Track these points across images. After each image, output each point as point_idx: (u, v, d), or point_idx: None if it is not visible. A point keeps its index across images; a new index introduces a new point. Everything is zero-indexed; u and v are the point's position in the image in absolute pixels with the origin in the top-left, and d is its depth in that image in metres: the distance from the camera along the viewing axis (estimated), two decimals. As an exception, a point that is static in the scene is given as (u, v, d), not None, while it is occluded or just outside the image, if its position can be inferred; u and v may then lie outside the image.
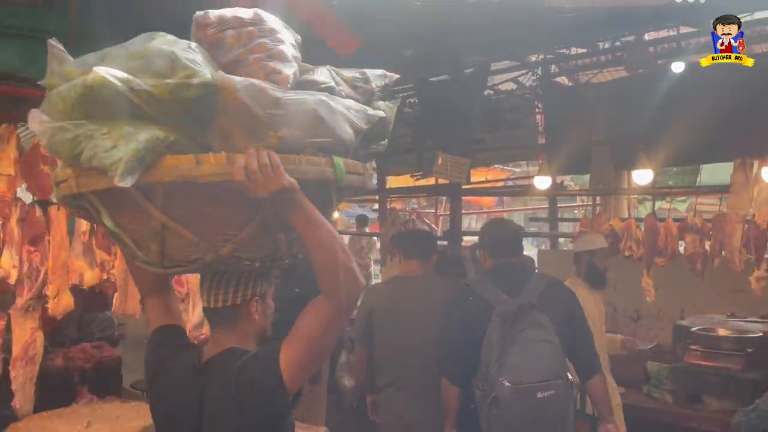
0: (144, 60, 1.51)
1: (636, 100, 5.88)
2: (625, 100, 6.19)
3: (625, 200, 7.26)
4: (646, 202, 9.09)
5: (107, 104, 1.45)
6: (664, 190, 5.99)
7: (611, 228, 4.90)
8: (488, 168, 10.35)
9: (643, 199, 8.96)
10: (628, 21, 5.24)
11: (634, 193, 6.41)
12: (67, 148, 1.47)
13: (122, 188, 1.40)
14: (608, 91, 6.64)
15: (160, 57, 1.51)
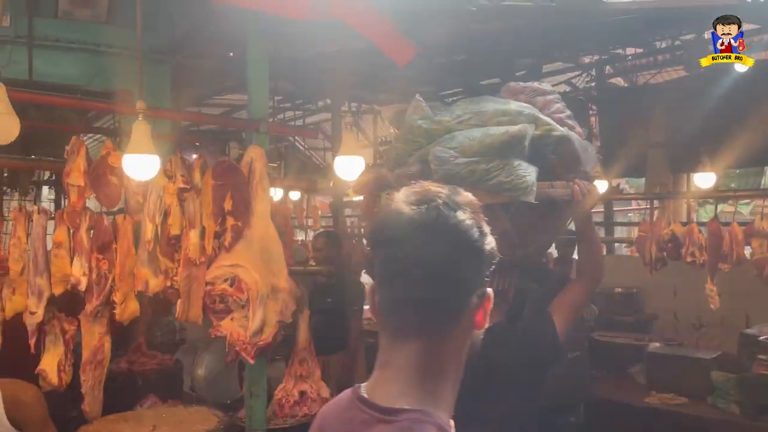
0: (510, 116, 2.25)
1: (696, 101, 5.68)
2: (684, 100, 5.99)
3: (683, 204, 7.03)
4: (706, 206, 8.77)
5: (513, 147, 2.16)
6: (727, 194, 5.75)
7: (672, 233, 4.75)
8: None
9: (703, 203, 8.65)
10: (687, 20, 5.09)
11: (696, 196, 6.19)
12: (477, 176, 2.13)
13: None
14: (666, 92, 6.44)
15: (523, 115, 2.26)
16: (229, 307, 3.09)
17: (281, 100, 8.59)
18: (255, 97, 3.34)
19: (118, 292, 2.95)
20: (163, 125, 4.73)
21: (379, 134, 9.89)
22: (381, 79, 6.36)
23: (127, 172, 2.66)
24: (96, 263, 2.91)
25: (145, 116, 2.65)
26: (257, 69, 3.31)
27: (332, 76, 6.23)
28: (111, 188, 2.94)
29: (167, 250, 3.01)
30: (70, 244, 2.92)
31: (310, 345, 3.48)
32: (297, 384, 3.40)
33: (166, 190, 2.97)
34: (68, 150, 2.92)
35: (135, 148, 2.59)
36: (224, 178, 3.09)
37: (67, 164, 2.90)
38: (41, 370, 2.90)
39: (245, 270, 3.06)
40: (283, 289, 3.14)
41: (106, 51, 5.04)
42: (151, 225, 2.95)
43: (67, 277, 2.88)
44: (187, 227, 3.03)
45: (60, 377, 2.90)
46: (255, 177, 3.16)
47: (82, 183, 2.90)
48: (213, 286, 3.05)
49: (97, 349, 2.99)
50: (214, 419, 2.88)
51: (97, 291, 2.91)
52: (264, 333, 3.06)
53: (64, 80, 5.08)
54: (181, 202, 3.02)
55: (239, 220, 3.09)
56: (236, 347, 3.07)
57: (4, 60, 4.64)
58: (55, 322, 2.94)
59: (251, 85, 3.33)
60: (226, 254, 3.08)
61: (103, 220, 2.96)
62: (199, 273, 3.04)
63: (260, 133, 3.29)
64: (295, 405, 3.35)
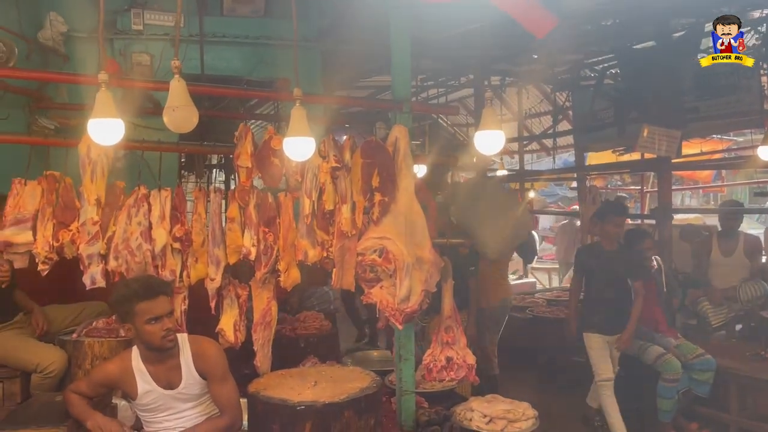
0: None
1: None
2: None
3: None
4: None
5: None
6: None
7: None
8: (704, 139, 9.39)
9: None
10: None
11: None
12: None
13: None
14: None
15: None
16: (379, 276, 3.33)
17: (424, 79, 8.75)
18: (398, 79, 3.50)
19: (282, 261, 3.29)
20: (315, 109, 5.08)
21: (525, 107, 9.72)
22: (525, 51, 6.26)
23: (287, 154, 2.95)
24: (263, 236, 3.27)
25: (302, 102, 2.91)
26: (399, 52, 3.46)
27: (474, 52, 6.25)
28: (274, 169, 3.27)
29: (323, 223, 3.30)
30: (241, 219, 3.29)
31: (455, 313, 3.62)
32: (444, 350, 3.56)
33: (321, 169, 3.25)
34: (237, 135, 3.29)
35: (294, 131, 2.86)
36: (371, 156, 3.31)
37: (236, 148, 3.27)
38: (220, 329, 3.32)
39: (392, 242, 3.27)
40: (428, 260, 3.31)
41: (265, 43, 5.49)
42: (309, 201, 3.25)
43: (239, 248, 3.26)
44: (340, 203, 3.29)
45: (236, 336, 3.31)
46: (399, 154, 3.35)
47: (249, 165, 3.26)
48: (363, 257, 3.30)
49: (266, 312, 3.36)
50: (368, 378, 3.13)
51: (264, 260, 3.27)
52: (410, 300, 3.26)
53: (230, 72, 5.63)
54: (334, 180, 3.28)
55: (386, 196, 3.30)
56: (386, 313, 3.31)
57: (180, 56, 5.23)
58: (231, 287, 3.36)
59: (394, 67, 3.50)
60: (375, 227, 3.31)
61: (268, 197, 3.31)
62: (351, 244, 3.30)
63: (403, 112, 3.46)
64: (442, 370, 3.53)
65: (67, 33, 5.09)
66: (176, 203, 3.26)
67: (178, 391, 2.79)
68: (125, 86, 3.42)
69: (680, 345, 4.79)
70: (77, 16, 5.01)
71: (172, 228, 3.21)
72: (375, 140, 3.35)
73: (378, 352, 4.75)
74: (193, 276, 3.29)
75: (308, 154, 2.92)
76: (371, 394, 2.94)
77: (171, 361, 2.78)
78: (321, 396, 2.87)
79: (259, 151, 3.24)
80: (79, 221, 3.14)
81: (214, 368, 2.84)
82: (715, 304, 5.66)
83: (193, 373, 2.81)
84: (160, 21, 5.39)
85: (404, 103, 3.46)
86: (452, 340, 3.56)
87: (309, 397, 2.87)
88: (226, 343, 3.29)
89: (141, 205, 3.19)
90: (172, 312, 2.79)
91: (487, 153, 3.35)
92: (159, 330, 2.66)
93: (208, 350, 2.86)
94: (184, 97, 2.68)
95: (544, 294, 8.16)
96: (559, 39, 4.88)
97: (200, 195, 3.31)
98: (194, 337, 2.91)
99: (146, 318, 2.65)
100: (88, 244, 3.11)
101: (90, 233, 3.11)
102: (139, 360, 2.78)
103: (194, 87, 2.92)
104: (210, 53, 5.43)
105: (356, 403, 2.85)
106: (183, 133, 2.97)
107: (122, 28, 5.33)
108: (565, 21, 3.94)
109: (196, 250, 3.28)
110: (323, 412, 2.78)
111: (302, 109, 2.86)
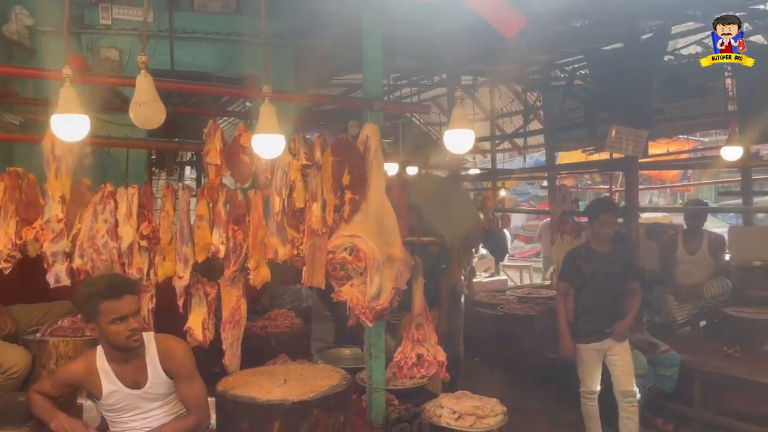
0: None
1: None
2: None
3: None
4: None
5: None
6: None
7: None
8: (670, 139, 9.60)
9: None
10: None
11: None
12: None
13: None
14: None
15: None
16: (349, 274, 3.33)
17: (398, 78, 8.77)
18: (369, 77, 3.51)
19: (251, 259, 3.27)
20: (287, 107, 5.05)
21: (497, 107, 9.81)
22: (497, 51, 6.31)
23: (256, 151, 2.93)
24: (232, 233, 3.24)
25: (271, 99, 2.90)
26: (371, 49, 3.47)
27: (447, 51, 6.28)
28: (243, 166, 3.25)
29: (293, 221, 3.29)
30: (210, 217, 3.26)
31: (425, 311, 3.64)
32: (414, 347, 3.58)
33: (291, 166, 3.23)
34: (206, 132, 3.26)
35: (263, 128, 2.84)
36: (342, 154, 3.30)
37: (205, 145, 3.24)
38: (188, 328, 3.29)
39: (363, 240, 3.27)
40: (398, 258, 3.32)
41: (236, 39, 5.44)
42: (279, 199, 3.23)
43: (208, 245, 3.23)
44: (310, 200, 3.28)
45: (204, 334, 3.28)
46: (370, 152, 3.35)
47: (218, 162, 3.23)
48: (334, 255, 3.29)
49: (235, 310, 3.34)
50: (338, 376, 3.13)
51: (233, 258, 3.25)
52: (380, 298, 3.27)
53: (200, 69, 5.56)
54: (305, 178, 3.27)
55: (357, 194, 3.30)
56: (356, 311, 3.31)
57: (149, 52, 5.17)
58: (199, 285, 3.32)
59: (366, 65, 3.50)
60: (346, 225, 3.31)
61: (238, 194, 3.28)
62: (322, 242, 3.29)
63: (375, 111, 3.46)
64: (412, 367, 3.54)
65: (32, 27, 4.97)
66: (144, 200, 3.21)
67: (144, 391, 2.76)
68: (90, 82, 3.36)
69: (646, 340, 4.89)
70: (43, 9, 4.90)
71: (139, 225, 3.17)
72: (346, 138, 3.35)
73: (350, 350, 4.75)
74: (160, 274, 3.24)
75: (277, 151, 2.91)
76: (340, 392, 2.94)
77: (137, 361, 2.75)
78: (290, 394, 2.86)
79: (229, 148, 3.22)
80: (43, 218, 3.08)
81: (180, 367, 2.81)
82: (680, 301, 5.79)
83: (160, 373, 2.78)
84: (129, 16, 5.30)
85: (375, 102, 3.46)
86: (423, 338, 3.58)
87: (278, 395, 2.86)
88: (195, 341, 3.26)
89: (107, 203, 3.14)
90: (139, 311, 2.76)
91: (456, 152, 3.38)
92: (124, 330, 2.62)
93: (174, 349, 2.83)
94: (150, 92, 2.66)
95: (515, 291, 8.25)
96: (529, 39, 4.93)
97: (168, 192, 3.27)
98: (161, 335, 2.88)
99: (111, 318, 2.61)
100: (53, 241, 3.06)
101: (54, 231, 3.06)
102: (104, 359, 2.74)
103: (161, 83, 2.89)
104: (180, 49, 5.35)
105: (325, 401, 2.85)
106: (151, 129, 2.94)
107: (90, 22, 5.24)
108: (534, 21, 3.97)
109: (164, 247, 3.24)
110: (292, 410, 2.77)
111: (271, 106, 2.85)
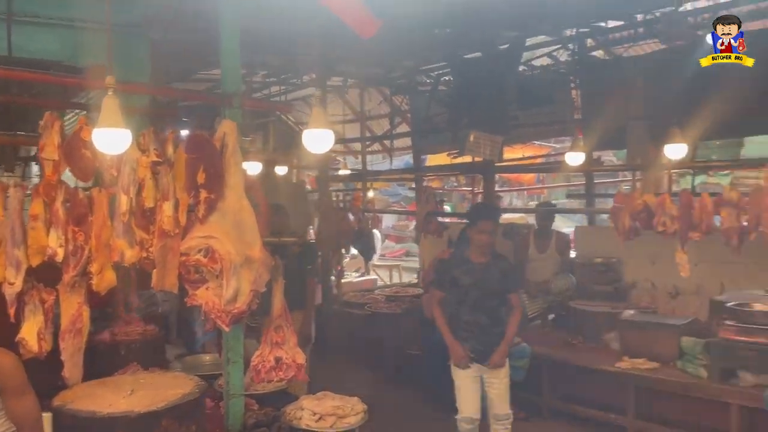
0: None
1: (674, 73, 5.73)
2: (663, 73, 6.05)
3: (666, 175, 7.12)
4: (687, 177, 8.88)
5: None
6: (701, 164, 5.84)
7: (644, 203, 4.85)
8: (525, 144, 10.24)
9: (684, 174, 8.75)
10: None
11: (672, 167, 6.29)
12: None
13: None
14: (645, 64, 6.49)
15: None
16: (204, 277, 3.19)
17: (267, 75, 8.61)
18: (228, 72, 3.39)
19: (94, 263, 3.04)
20: (142, 100, 4.77)
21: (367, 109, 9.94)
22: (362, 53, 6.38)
23: (97, 146, 2.72)
24: (72, 235, 2.99)
25: (116, 91, 2.71)
26: (229, 44, 3.35)
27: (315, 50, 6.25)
28: (85, 162, 3.01)
29: (142, 222, 3.09)
30: (47, 217, 2.99)
31: (285, 313, 3.58)
32: (273, 350, 3.50)
33: (140, 163, 3.04)
34: (42, 125, 2.99)
35: (104, 122, 2.64)
36: (197, 151, 3.16)
37: (41, 139, 2.97)
38: (21, 339, 2.99)
39: (218, 241, 3.15)
40: (257, 259, 3.23)
41: (83, 26, 5.04)
42: (126, 198, 3.03)
43: (43, 248, 2.96)
44: (161, 200, 3.11)
45: (40, 345, 3.00)
46: (228, 150, 3.23)
47: (56, 157, 2.96)
48: (187, 257, 3.14)
49: (76, 318, 3.08)
50: (191, 383, 2.99)
51: (73, 262, 3.00)
52: (238, 301, 3.16)
53: (44, 56, 5.09)
54: (155, 175, 3.09)
55: (212, 193, 3.17)
56: (212, 315, 3.18)
57: (-18, 36, 4.65)
58: (34, 292, 3.03)
59: (223, 59, 3.38)
60: (200, 226, 3.16)
61: (78, 192, 3.04)
62: (174, 244, 3.13)
63: (233, 107, 3.35)
64: (271, 370, 3.47)
65: None
66: (-33, 199, 2.89)
67: (-36, 410, 2.47)
68: None
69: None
70: None
71: (-40, 227, 2.84)
72: (200, 135, 3.21)
73: (210, 356, 4.58)
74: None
75: (122, 147, 2.72)
76: (192, 400, 2.82)
77: (-45, 377, 2.45)
78: (136, 405, 2.70)
79: (68, 142, 2.97)
80: None
81: (9, 381, 2.54)
82: (531, 296, 6.18)
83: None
84: (-42, -6, 4.75)
85: (234, 98, 3.35)
86: (282, 340, 3.52)
87: (122, 407, 2.69)
88: (29, 353, 2.97)
89: None
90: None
91: (316, 151, 3.36)
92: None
93: (1, 362, 2.56)
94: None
95: (384, 290, 8.40)
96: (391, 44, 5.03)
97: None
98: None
99: None
100: None
101: None
102: None
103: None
104: (20, 34, 4.86)
105: (175, 411, 2.72)
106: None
107: None
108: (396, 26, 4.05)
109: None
110: (137, 422, 2.62)
111: (114, 98, 2.66)
